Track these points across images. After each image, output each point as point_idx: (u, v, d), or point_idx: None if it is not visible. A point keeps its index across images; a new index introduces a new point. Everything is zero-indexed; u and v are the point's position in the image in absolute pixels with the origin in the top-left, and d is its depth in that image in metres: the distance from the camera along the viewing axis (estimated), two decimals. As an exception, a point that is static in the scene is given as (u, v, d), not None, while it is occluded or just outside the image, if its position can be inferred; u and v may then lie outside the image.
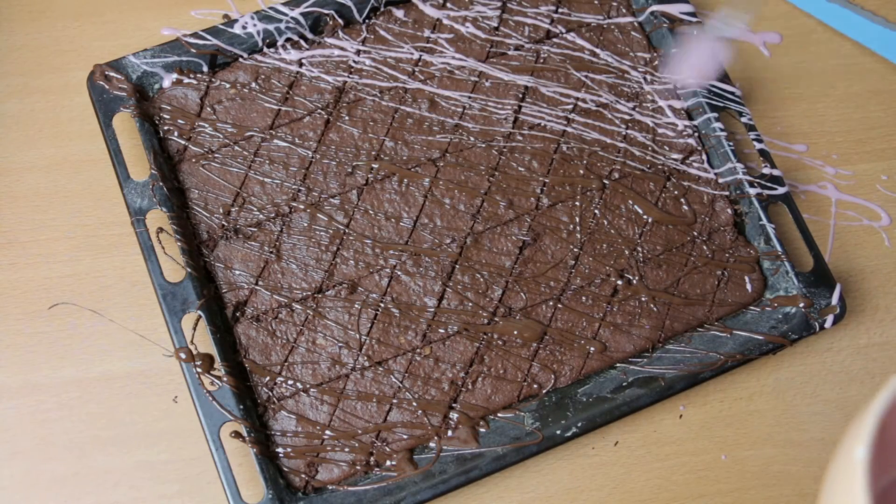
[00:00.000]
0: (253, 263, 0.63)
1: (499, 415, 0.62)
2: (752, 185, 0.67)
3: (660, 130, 0.69)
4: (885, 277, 0.70)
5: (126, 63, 0.66)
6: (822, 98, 0.75)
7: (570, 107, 0.69)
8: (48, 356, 0.64)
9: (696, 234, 0.67)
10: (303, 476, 0.59)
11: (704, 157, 0.69)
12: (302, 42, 0.69)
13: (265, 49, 0.68)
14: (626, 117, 0.69)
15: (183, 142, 0.66)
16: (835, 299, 0.64)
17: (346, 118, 0.67)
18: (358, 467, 0.60)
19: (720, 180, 0.68)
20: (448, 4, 0.71)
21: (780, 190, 0.67)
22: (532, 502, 0.63)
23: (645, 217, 0.67)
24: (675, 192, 0.68)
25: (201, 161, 0.65)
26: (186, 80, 0.67)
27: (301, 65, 0.68)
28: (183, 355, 0.59)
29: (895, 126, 0.74)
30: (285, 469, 0.59)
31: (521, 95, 0.69)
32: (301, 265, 0.64)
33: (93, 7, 0.73)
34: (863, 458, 0.39)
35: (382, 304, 0.63)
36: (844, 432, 0.41)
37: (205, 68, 0.67)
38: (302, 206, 0.65)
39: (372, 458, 0.60)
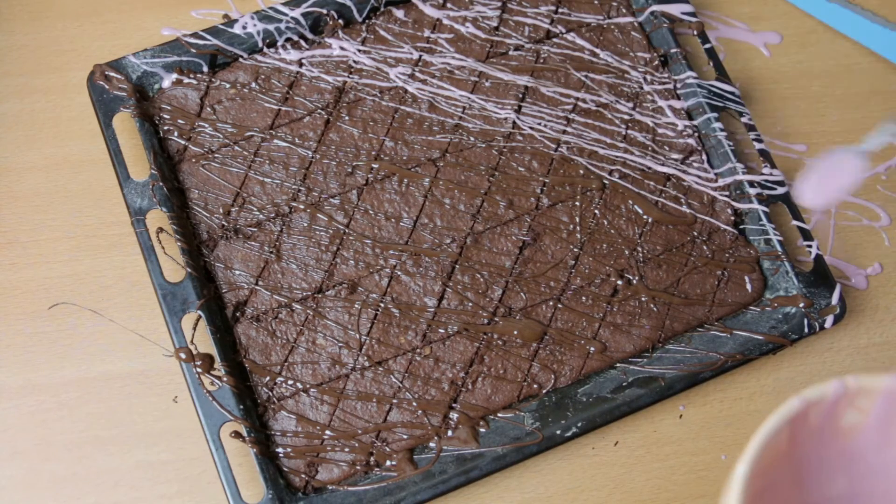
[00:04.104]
0: (253, 263, 0.63)
1: (499, 415, 0.62)
2: (752, 185, 0.67)
3: (660, 130, 0.69)
4: (885, 277, 0.70)
5: (126, 63, 0.66)
6: (822, 98, 0.75)
7: (570, 107, 0.69)
8: (48, 356, 0.64)
9: (696, 234, 0.67)
10: (303, 476, 0.59)
11: (704, 157, 0.69)
12: (302, 42, 0.69)
13: (265, 49, 0.68)
14: (626, 117, 0.69)
15: (183, 142, 0.66)
16: (835, 299, 0.64)
17: (346, 118, 0.67)
18: (358, 467, 0.60)
19: (720, 180, 0.68)
20: (448, 4, 0.71)
21: (780, 190, 0.67)
22: (532, 502, 0.63)
23: (645, 217, 0.67)
24: (675, 192, 0.68)
25: (201, 161, 0.65)
26: (186, 80, 0.67)
27: (301, 65, 0.68)
28: (183, 355, 0.59)
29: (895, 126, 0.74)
30: (285, 469, 0.59)
31: (521, 95, 0.69)
32: (301, 265, 0.64)
33: (93, 7, 0.73)
34: (742, 473, 0.43)
35: (382, 304, 0.63)
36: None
37: (205, 68, 0.67)
38: (302, 206, 0.65)
39: (372, 458, 0.60)
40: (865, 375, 0.46)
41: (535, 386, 0.63)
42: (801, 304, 0.64)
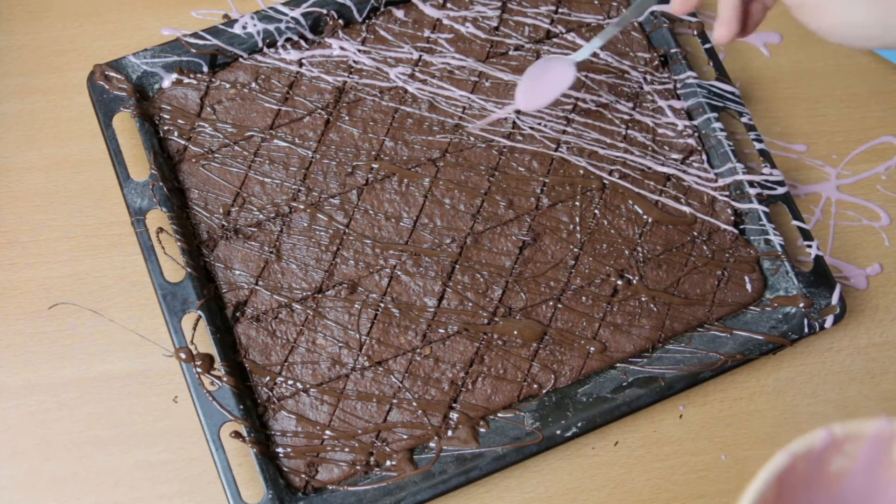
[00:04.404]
0: (253, 263, 0.63)
1: (499, 415, 0.62)
2: (752, 185, 0.67)
3: (660, 130, 0.69)
4: (885, 277, 0.70)
5: (126, 63, 0.66)
6: (822, 98, 0.75)
7: (570, 107, 0.69)
8: (48, 356, 0.64)
9: (696, 234, 0.67)
10: (303, 476, 0.59)
11: (704, 157, 0.69)
12: (302, 42, 0.69)
13: (265, 49, 0.68)
14: (626, 117, 0.69)
15: (183, 142, 0.66)
16: (835, 299, 0.64)
17: (346, 118, 0.67)
18: (358, 467, 0.60)
19: (720, 180, 0.68)
20: (448, 4, 0.71)
21: (780, 190, 0.67)
22: (532, 502, 0.63)
23: (645, 217, 0.67)
24: (675, 192, 0.68)
25: (201, 161, 0.65)
26: (186, 80, 0.67)
27: (301, 65, 0.68)
28: (183, 355, 0.59)
29: (895, 126, 0.74)
30: (285, 469, 0.59)
31: (521, 95, 0.69)
32: (301, 265, 0.64)
33: (93, 7, 0.73)
34: None
35: (382, 304, 0.63)
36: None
37: (205, 68, 0.67)
38: (302, 206, 0.65)
39: (372, 458, 0.60)
40: (852, 422, 0.45)
41: (535, 386, 0.63)
42: (801, 304, 0.64)
